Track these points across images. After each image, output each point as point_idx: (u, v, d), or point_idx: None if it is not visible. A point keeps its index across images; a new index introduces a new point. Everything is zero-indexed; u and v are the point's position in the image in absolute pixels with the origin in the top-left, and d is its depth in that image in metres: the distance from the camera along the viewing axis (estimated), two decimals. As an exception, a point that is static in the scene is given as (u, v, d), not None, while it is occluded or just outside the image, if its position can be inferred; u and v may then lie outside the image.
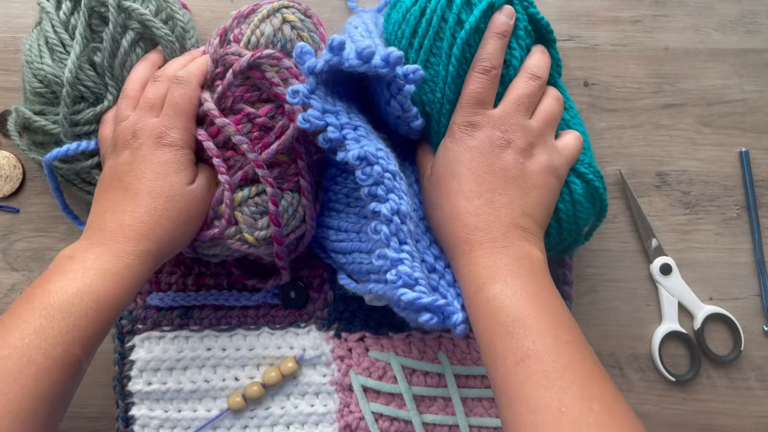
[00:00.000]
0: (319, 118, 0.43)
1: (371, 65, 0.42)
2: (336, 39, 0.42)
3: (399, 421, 0.55)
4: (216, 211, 0.48)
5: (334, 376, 0.56)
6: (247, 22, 0.50)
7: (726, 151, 0.60)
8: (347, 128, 0.44)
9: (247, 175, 0.48)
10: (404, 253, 0.43)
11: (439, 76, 0.47)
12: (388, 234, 0.43)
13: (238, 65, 0.47)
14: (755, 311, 0.58)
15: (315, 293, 0.58)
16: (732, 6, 0.61)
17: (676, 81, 0.60)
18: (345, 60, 0.42)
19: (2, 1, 0.61)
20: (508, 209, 0.44)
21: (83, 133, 0.52)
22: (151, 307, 0.57)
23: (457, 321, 0.42)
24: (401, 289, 0.42)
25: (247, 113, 0.48)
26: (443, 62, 0.46)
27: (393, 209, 0.43)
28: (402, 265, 0.42)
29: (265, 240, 0.49)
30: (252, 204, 0.48)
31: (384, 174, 0.43)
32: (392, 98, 0.46)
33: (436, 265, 0.46)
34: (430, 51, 0.47)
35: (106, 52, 0.51)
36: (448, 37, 0.46)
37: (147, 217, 0.45)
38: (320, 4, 0.61)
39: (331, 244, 0.51)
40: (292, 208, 0.49)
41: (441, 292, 0.45)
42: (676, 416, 0.57)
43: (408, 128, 0.49)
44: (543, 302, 0.41)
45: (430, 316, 0.42)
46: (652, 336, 0.58)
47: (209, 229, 0.48)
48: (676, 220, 0.59)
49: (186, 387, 0.56)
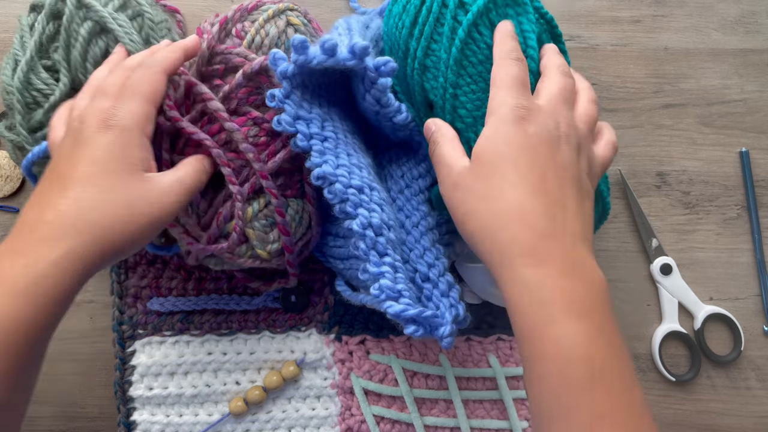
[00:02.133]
0: (290, 124, 0.43)
1: (338, 58, 0.42)
2: (297, 38, 0.41)
3: (400, 424, 0.55)
4: (222, 229, 0.46)
5: (335, 379, 0.56)
6: (251, 19, 0.50)
7: (726, 151, 0.60)
8: (315, 138, 0.43)
9: (254, 187, 0.46)
10: (385, 266, 0.42)
11: (441, 61, 0.46)
12: (366, 249, 0.42)
13: (250, 68, 0.46)
14: (755, 311, 0.58)
15: (315, 297, 0.57)
16: (732, 6, 0.60)
17: (676, 81, 0.60)
18: (311, 57, 0.42)
19: (2, 1, 0.61)
20: (578, 216, 0.38)
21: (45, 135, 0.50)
22: (152, 312, 0.57)
23: (444, 333, 0.42)
24: (386, 302, 0.42)
25: (254, 117, 0.47)
26: (444, 46, 0.45)
27: (363, 224, 0.42)
28: (383, 279, 0.42)
29: (276, 252, 0.48)
30: (262, 217, 0.47)
31: (347, 191, 0.42)
32: (366, 93, 0.45)
33: (429, 274, 0.46)
34: (431, 37, 0.46)
35: (62, 43, 0.49)
36: (449, 20, 0.45)
37: (73, 209, 0.37)
38: (320, 5, 0.61)
39: (330, 250, 0.51)
40: (299, 215, 0.49)
41: (434, 302, 0.45)
42: (676, 416, 0.57)
43: (392, 125, 0.48)
44: (617, 349, 0.35)
45: (416, 328, 0.41)
46: (652, 336, 0.58)
47: (213, 243, 0.47)
48: (676, 220, 0.59)
49: (187, 391, 0.56)
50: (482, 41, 0.45)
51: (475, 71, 0.45)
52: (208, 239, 0.47)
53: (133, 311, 0.57)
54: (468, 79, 0.45)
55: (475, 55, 0.45)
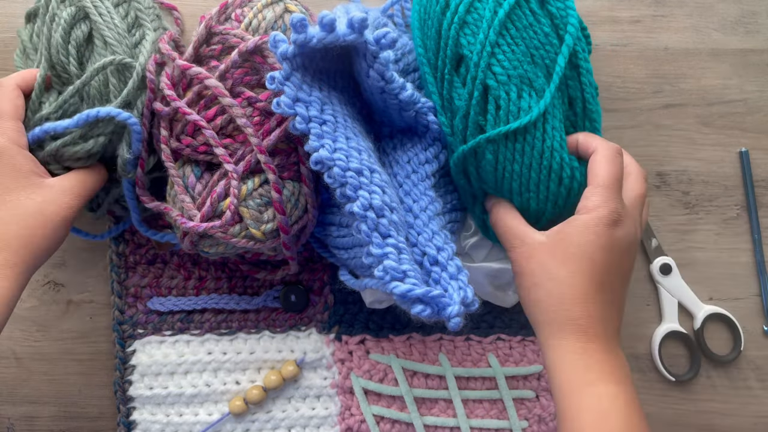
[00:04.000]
0: (289, 106, 0.43)
1: (337, 33, 0.42)
2: (296, 16, 0.42)
3: (400, 424, 0.55)
4: (216, 208, 0.47)
5: (335, 379, 0.57)
6: (250, 5, 0.51)
7: (726, 151, 0.59)
8: (314, 122, 0.43)
9: (249, 166, 0.47)
10: (389, 247, 0.42)
11: (483, 19, 0.47)
12: (368, 231, 0.42)
13: (245, 47, 0.47)
14: (755, 311, 0.58)
15: (315, 296, 0.58)
16: (732, 6, 0.60)
17: (676, 81, 0.60)
18: (310, 36, 0.42)
19: (2, 1, 0.61)
20: (621, 311, 0.45)
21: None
22: (152, 311, 0.57)
23: (452, 313, 0.41)
24: (392, 282, 0.41)
25: (248, 97, 0.47)
26: (489, 6, 0.47)
27: (364, 205, 0.42)
28: (387, 260, 0.42)
29: (271, 233, 0.48)
30: (256, 196, 0.47)
31: (345, 174, 0.42)
32: (369, 68, 0.45)
33: (438, 257, 0.45)
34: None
35: (45, 29, 0.50)
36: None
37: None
38: (321, 5, 0.61)
39: (333, 240, 0.51)
40: (294, 197, 0.49)
41: (442, 285, 0.44)
42: (676, 416, 0.57)
43: (398, 104, 0.47)
44: (642, 415, 0.42)
45: (423, 308, 0.41)
46: (652, 336, 0.58)
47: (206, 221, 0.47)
48: (676, 220, 0.59)
49: (187, 391, 0.56)
50: (528, 8, 0.47)
51: (518, 35, 0.47)
52: (202, 217, 0.46)
53: (133, 311, 0.57)
54: (509, 39, 0.47)
55: (519, 20, 0.47)
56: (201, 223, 0.46)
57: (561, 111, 0.47)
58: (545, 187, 0.47)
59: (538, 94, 0.46)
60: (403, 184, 0.50)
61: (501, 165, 0.47)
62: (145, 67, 0.49)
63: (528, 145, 0.46)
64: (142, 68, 0.49)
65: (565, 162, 0.46)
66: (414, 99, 0.47)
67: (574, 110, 0.49)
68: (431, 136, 0.50)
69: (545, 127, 0.46)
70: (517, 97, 0.46)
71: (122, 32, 0.50)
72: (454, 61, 0.48)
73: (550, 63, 0.47)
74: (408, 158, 0.51)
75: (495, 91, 0.46)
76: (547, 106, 0.46)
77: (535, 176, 0.47)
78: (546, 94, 0.46)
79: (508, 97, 0.46)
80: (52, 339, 0.58)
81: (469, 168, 0.49)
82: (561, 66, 0.47)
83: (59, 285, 0.58)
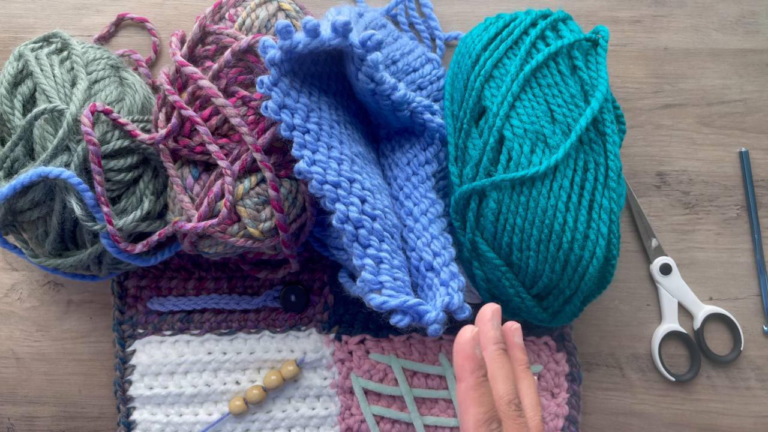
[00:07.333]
0: (275, 112, 0.44)
1: (321, 38, 0.42)
2: (281, 23, 0.42)
3: (400, 424, 0.55)
4: (213, 207, 0.47)
5: (335, 378, 0.57)
6: (244, 4, 0.51)
7: (726, 151, 0.60)
8: (297, 130, 0.44)
9: (245, 165, 0.47)
10: (367, 258, 0.43)
11: (509, 75, 0.49)
12: (348, 242, 0.43)
13: (238, 46, 0.47)
14: (755, 311, 0.58)
15: (315, 296, 0.58)
16: (732, 6, 0.60)
17: (676, 81, 0.60)
18: (296, 42, 0.42)
19: (2, 1, 0.61)
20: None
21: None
22: (152, 311, 0.57)
23: (430, 320, 0.41)
24: (369, 294, 0.42)
25: (242, 96, 0.48)
26: (515, 63, 0.49)
27: (341, 218, 0.43)
28: (364, 271, 0.42)
29: (269, 232, 0.48)
30: (254, 195, 0.47)
31: (322, 188, 0.43)
32: (358, 71, 0.45)
33: (433, 263, 0.45)
34: (504, 53, 0.50)
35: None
36: (527, 44, 0.49)
37: None
38: (321, 5, 0.61)
39: (333, 241, 0.51)
40: (292, 195, 0.49)
41: (434, 291, 0.44)
42: (676, 416, 0.57)
43: (391, 105, 0.47)
44: None
45: (401, 317, 0.41)
46: (652, 336, 0.58)
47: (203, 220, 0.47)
48: (676, 220, 0.59)
49: (187, 391, 0.56)
50: (556, 69, 0.49)
51: (541, 93, 0.48)
52: (199, 217, 0.47)
53: (133, 311, 0.58)
54: (531, 95, 0.48)
55: (545, 78, 0.49)
56: (198, 223, 0.46)
57: (578, 176, 0.47)
58: (545, 248, 0.46)
59: (551, 151, 0.47)
60: (403, 187, 0.50)
61: (503, 216, 0.47)
62: (77, 113, 0.47)
63: (533, 200, 0.46)
64: (72, 115, 0.46)
65: (568, 226, 0.46)
66: (407, 99, 0.47)
67: (595, 176, 0.47)
68: (429, 135, 0.50)
69: (552, 185, 0.46)
70: (530, 152, 0.47)
71: (60, 82, 0.49)
72: (476, 112, 0.50)
73: (572, 122, 0.47)
74: (407, 160, 0.51)
75: (510, 142, 0.47)
76: (558, 161, 0.46)
77: (536, 234, 0.46)
78: (560, 149, 0.46)
79: (521, 149, 0.47)
80: (52, 339, 0.58)
81: (468, 214, 0.48)
82: (582, 126, 0.47)
83: (59, 285, 0.58)
